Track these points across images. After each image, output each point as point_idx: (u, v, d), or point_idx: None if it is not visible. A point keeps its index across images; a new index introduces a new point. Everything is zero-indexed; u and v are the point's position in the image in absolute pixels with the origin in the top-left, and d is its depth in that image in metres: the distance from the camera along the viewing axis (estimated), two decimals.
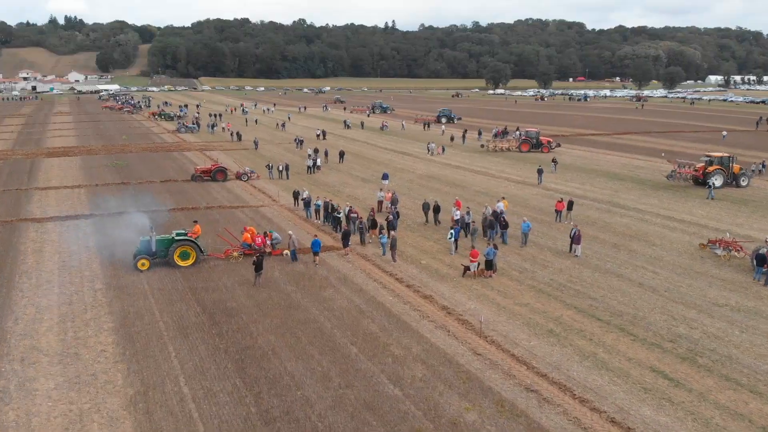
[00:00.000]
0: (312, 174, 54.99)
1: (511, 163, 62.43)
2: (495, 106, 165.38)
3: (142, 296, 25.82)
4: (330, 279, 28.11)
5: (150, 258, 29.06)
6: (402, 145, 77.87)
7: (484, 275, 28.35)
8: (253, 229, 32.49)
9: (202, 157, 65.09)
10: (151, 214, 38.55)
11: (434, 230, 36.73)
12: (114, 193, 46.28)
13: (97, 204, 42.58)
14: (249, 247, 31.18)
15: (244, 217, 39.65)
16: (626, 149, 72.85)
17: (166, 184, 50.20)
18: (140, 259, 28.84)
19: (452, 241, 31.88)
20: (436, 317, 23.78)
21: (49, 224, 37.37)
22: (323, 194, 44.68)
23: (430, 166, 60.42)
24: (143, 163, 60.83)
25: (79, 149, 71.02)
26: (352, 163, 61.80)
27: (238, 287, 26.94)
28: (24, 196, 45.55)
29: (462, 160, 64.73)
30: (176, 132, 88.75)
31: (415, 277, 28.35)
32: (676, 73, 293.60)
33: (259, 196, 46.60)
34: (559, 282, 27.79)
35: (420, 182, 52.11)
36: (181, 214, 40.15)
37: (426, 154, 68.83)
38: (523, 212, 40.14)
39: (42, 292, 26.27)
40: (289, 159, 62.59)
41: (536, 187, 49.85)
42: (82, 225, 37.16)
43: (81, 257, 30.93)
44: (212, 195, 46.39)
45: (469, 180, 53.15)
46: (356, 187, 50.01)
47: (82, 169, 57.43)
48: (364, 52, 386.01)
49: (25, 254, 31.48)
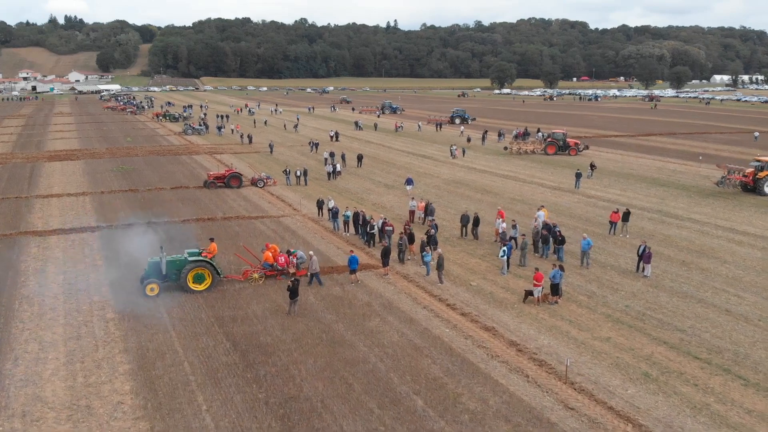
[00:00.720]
0: (332, 180, 51.48)
1: (540, 167, 58.96)
2: (503, 106, 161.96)
3: (161, 328, 22.38)
4: (373, 305, 24.66)
5: (160, 282, 25.55)
6: (419, 147, 74.42)
7: (548, 301, 24.92)
8: (275, 247, 28.87)
9: (213, 161, 61.65)
10: (164, 227, 35.31)
11: (476, 244, 33.27)
12: (122, 202, 42.90)
13: (104, 214, 39.20)
14: (271, 268, 27.70)
15: (265, 230, 36.19)
16: (656, 152, 69.39)
17: (177, 191, 46.74)
18: (149, 284, 25.24)
19: (504, 259, 28.41)
20: (507, 357, 20.32)
21: (53, 238, 33.91)
22: (346, 202, 41.34)
23: (454, 170, 56.97)
24: (151, 168, 57.35)
25: (82, 152, 67.53)
26: (371, 168, 58.38)
27: (270, 316, 23.49)
28: (24, 205, 42.09)
29: (486, 164, 61.30)
30: (183, 134, 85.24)
31: (468, 303, 24.90)
32: (683, 72, 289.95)
33: (279, 204, 43.15)
34: (636, 309, 24.34)
35: (447, 188, 48.66)
36: (197, 225, 36.70)
37: (448, 157, 65.36)
38: (568, 223, 36.72)
39: (46, 322, 22.83)
40: (305, 163, 59.20)
41: (574, 194, 46.41)
42: (89, 239, 33.70)
43: (89, 278, 27.48)
44: (228, 204, 42.94)
45: (500, 186, 49.70)
46: (381, 194, 46.59)
47: (86, 175, 53.96)
48: (367, 51, 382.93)
49: (26, 275, 28.03)
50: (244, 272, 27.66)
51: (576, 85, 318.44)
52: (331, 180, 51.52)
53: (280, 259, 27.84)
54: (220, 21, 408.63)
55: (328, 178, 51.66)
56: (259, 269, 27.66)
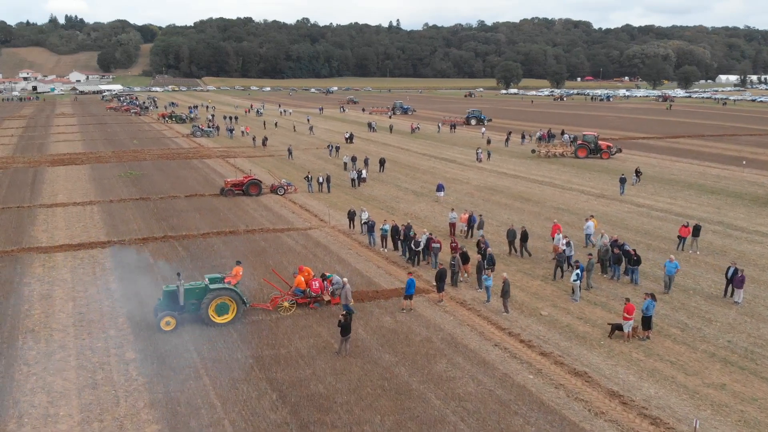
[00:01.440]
0: (357, 187, 47.97)
1: (575, 172, 55.49)
2: (513, 106, 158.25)
3: (191, 373, 18.92)
4: (434, 341, 21.18)
5: (176, 314, 21.97)
6: (440, 149, 70.96)
7: (638, 336, 21.45)
8: (308, 271, 25.16)
9: (226, 166, 58.14)
10: (182, 242, 31.87)
11: (531, 263, 29.79)
12: (133, 212, 39.40)
13: (115, 227, 35.72)
14: (303, 294, 24.10)
15: (293, 245, 32.70)
16: (690, 155, 65.93)
17: (192, 200, 43.25)
18: (164, 317, 21.62)
19: (578, 284, 24.91)
20: (613, 413, 16.85)
21: (59, 256, 30.43)
22: (375, 212, 37.97)
23: (483, 176, 53.50)
24: (161, 173, 53.84)
25: (87, 156, 64.03)
26: (393, 173, 54.91)
27: (317, 356, 20.02)
28: (27, 216, 38.59)
29: (515, 168, 57.85)
30: (191, 136, 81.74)
31: (546, 339, 21.43)
32: (691, 72, 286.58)
33: (304, 215, 39.66)
34: (741, 346, 20.88)
35: (481, 196, 45.19)
36: (218, 240, 33.22)
37: (473, 160, 61.91)
38: (626, 237, 33.08)
39: (55, 365, 19.37)
40: (324, 168, 55.77)
41: (622, 202, 42.94)
42: (100, 257, 30.21)
43: (102, 306, 24.01)
44: (249, 214, 39.45)
45: (537, 193, 46.24)
46: (411, 203, 43.12)
47: (92, 181, 50.46)
48: (369, 51, 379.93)
49: (31, 301, 24.55)
50: (272, 299, 24.08)
51: (582, 84, 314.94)
52: (355, 187, 47.98)
53: (313, 285, 24.17)
54: (221, 21, 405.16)
55: (353, 185, 48.13)
56: (289, 296, 24.07)
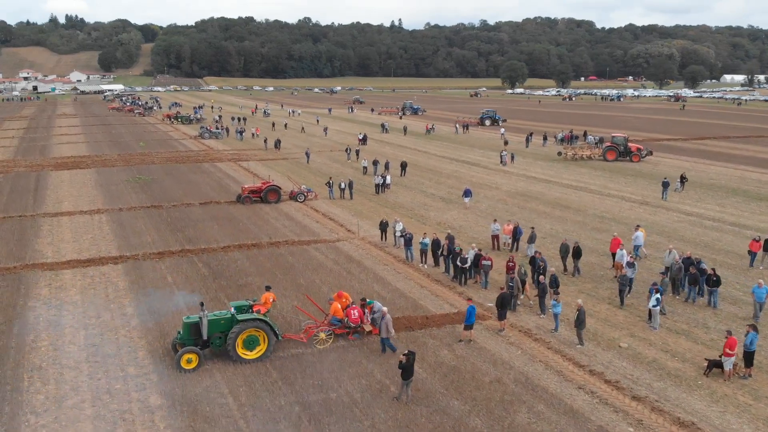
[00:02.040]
0: (381, 193, 45.01)
1: (609, 176, 52.53)
2: (521, 106, 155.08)
3: (230, 425, 15.98)
4: (505, 382, 18.25)
5: (199, 351, 18.95)
6: (459, 151, 68.03)
7: (738, 373, 18.55)
8: (346, 296, 22.25)
9: (239, 170, 55.25)
10: (201, 257, 28.95)
11: (593, 283, 26.84)
12: (145, 222, 36.45)
13: (127, 239, 32.78)
14: (340, 324, 21.13)
15: (323, 260, 29.76)
16: (722, 158, 62.99)
17: (208, 208, 40.30)
18: (185, 354, 18.62)
19: (657, 309, 21.97)
20: None
21: (67, 274, 27.50)
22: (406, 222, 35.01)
23: (512, 180, 50.58)
24: (171, 178, 50.90)
25: (92, 159, 61.06)
26: (416, 177, 51.98)
27: (373, 402, 17.08)
28: (30, 227, 35.64)
29: (543, 171, 54.91)
30: (199, 138, 78.78)
31: (635, 379, 18.48)
32: (698, 72, 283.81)
33: (329, 224, 36.71)
34: None
35: (515, 203, 42.27)
36: (241, 254, 30.28)
37: (497, 163, 58.98)
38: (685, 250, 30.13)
39: (67, 414, 16.45)
40: (341, 172, 52.91)
41: (668, 210, 39.99)
42: (112, 275, 27.28)
43: (119, 336, 21.09)
44: (271, 224, 36.51)
45: (575, 199, 43.30)
46: (441, 210, 40.19)
47: (99, 186, 47.51)
48: (372, 51, 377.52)
49: (37, 330, 21.63)
50: (306, 329, 21.06)
51: (588, 84, 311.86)
52: (379, 193, 45.02)
53: (353, 314, 21.08)
54: (223, 20, 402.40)
55: (377, 191, 45.15)
56: (325, 326, 21.08)
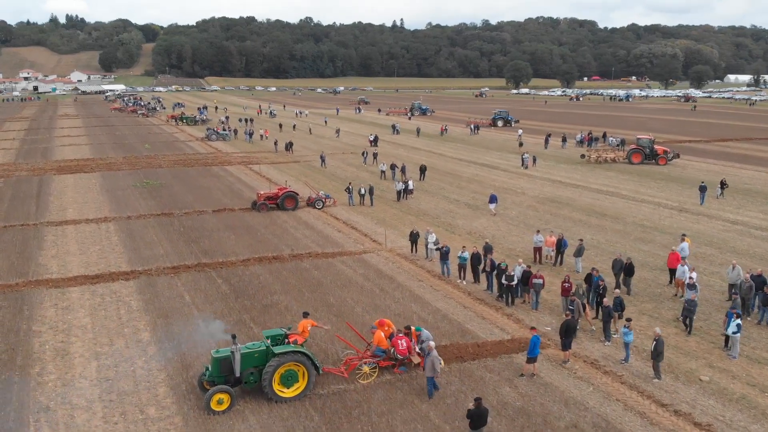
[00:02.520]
0: (404, 200, 42.58)
1: (638, 180, 50.14)
2: (528, 107, 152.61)
3: None
4: (583, 427, 15.81)
5: (231, 389, 16.51)
6: (475, 154, 65.67)
7: None
8: (389, 324, 19.63)
9: (250, 174, 52.84)
10: (220, 272, 26.59)
11: (654, 303, 24.42)
12: (156, 231, 34.05)
13: (138, 251, 30.38)
14: (384, 355, 18.69)
15: (352, 275, 27.38)
16: (752, 161, 60.56)
17: (222, 216, 37.88)
18: (216, 394, 16.19)
19: (737, 337, 19.57)
20: None
21: (74, 292, 25.11)
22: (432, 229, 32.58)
23: (537, 184, 48.19)
24: (180, 183, 48.49)
25: (97, 162, 58.60)
26: (436, 181, 49.59)
27: None
28: (33, 237, 33.23)
29: (568, 175, 52.53)
30: (206, 139, 76.33)
31: (730, 422, 16.08)
32: (704, 72, 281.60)
33: (352, 234, 34.32)
34: None
35: (546, 209, 39.89)
36: (262, 269, 27.89)
37: (518, 166, 56.64)
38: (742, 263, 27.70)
39: None
40: (357, 176, 50.60)
41: (711, 218, 37.60)
42: (124, 293, 24.89)
43: (135, 368, 18.71)
44: (290, 233, 34.10)
45: (608, 205, 40.92)
46: (468, 218, 37.80)
47: (104, 192, 45.09)
48: (374, 51, 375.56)
49: (43, 361, 19.24)
50: (346, 360, 18.68)
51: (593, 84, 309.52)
52: (400, 200, 42.57)
53: (400, 344, 18.50)
54: (224, 20, 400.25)
55: (398, 198, 42.71)
56: (368, 357, 18.63)
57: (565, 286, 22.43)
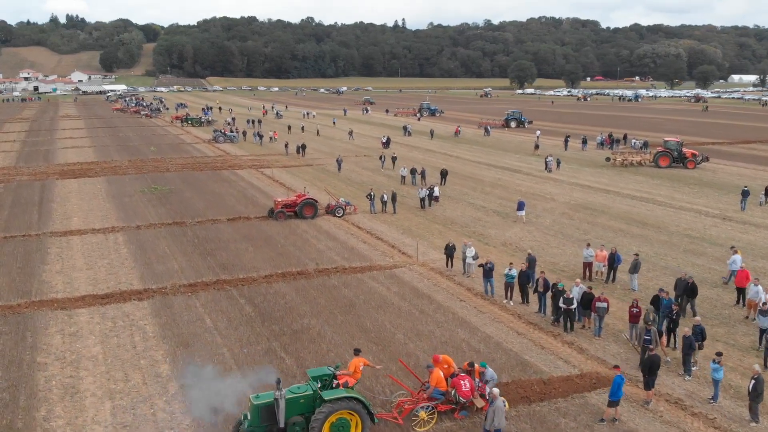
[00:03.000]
0: (429, 207, 40.13)
1: (671, 185, 47.74)
2: (535, 107, 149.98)
3: None
4: None
5: None
6: (493, 156, 63.29)
7: None
8: (448, 360, 16.99)
9: (262, 178, 50.43)
10: (241, 290, 24.23)
11: (725, 327, 22.01)
12: (169, 242, 31.64)
13: (150, 266, 27.97)
14: (442, 398, 16.12)
15: (385, 293, 24.98)
16: None
17: (237, 225, 35.46)
18: None
19: None
20: None
21: (82, 314, 22.69)
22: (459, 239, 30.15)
23: (566, 190, 45.78)
24: (190, 188, 46.05)
25: (101, 166, 56.12)
26: (457, 186, 47.21)
27: None
28: (35, 250, 30.80)
29: (596, 179, 50.14)
30: (213, 142, 73.88)
31: None
32: (710, 72, 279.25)
33: (378, 245, 31.89)
34: None
35: (581, 217, 37.49)
36: (287, 286, 25.49)
37: (540, 170, 54.28)
38: None
39: None
40: (374, 180, 48.31)
41: (758, 227, 35.19)
42: (138, 316, 22.48)
43: (155, 411, 16.27)
44: (312, 244, 31.67)
45: (646, 213, 38.50)
46: (499, 227, 35.40)
47: (111, 198, 42.66)
48: (376, 50, 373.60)
49: (49, 401, 16.83)
50: (398, 403, 16.19)
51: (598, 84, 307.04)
52: (425, 207, 40.12)
53: (463, 385, 15.94)
54: (225, 20, 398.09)
55: (422, 205, 40.21)
56: (424, 400, 16.02)
57: (633, 312, 20.02)
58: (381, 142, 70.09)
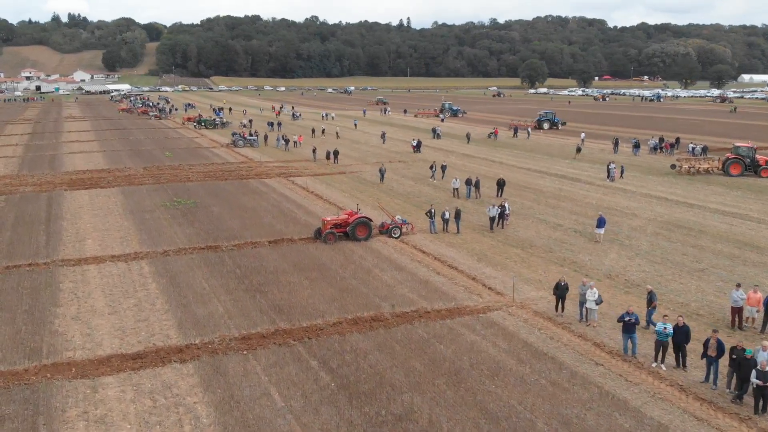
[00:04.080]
0: (500, 227, 34.55)
1: (755, 197, 42.39)
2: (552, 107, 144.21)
3: None
4: None
5: None
6: (540, 162, 57.85)
7: None
8: None
9: (295, 189, 45.01)
10: (307, 345, 18.88)
11: None
12: (205, 275, 26.12)
13: (187, 307, 22.53)
14: None
15: (492, 351, 19.55)
16: None
17: (282, 249, 29.97)
18: None
19: None
20: None
21: (109, 384, 17.23)
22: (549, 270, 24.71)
23: (642, 203, 40.37)
24: (218, 201, 40.55)
25: (114, 175, 50.56)
26: (517, 198, 41.71)
27: None
28: (44, 286, 25.31)
29: (669, 190, 44.77)
30: (232, 146, 68.42)
31: None
32: (724, 71, 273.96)
33: (456, 277, 26.42)
34: None
35: (678, 239, 32.02)
36: (365, 339, 20.06)
37: (602, 178, 48.96)
38: None
39: None
40: (421, 192, 42.95)
41: None
42: (183, 388, 17.04)
43: None
44: (376, 276, 26.19)
45: (753, 234, 32.98)
46: (591, 251, 29.93)
47: (129, 214, 37.15)
48: (381, 50, 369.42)
49: None
50: None
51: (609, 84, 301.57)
52: (494, 228, 34.49)
53: None
54: (229, 19, 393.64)
55: (491, 226, 34.56)
56: None
57: None
58: (411, 146, 64.83)
